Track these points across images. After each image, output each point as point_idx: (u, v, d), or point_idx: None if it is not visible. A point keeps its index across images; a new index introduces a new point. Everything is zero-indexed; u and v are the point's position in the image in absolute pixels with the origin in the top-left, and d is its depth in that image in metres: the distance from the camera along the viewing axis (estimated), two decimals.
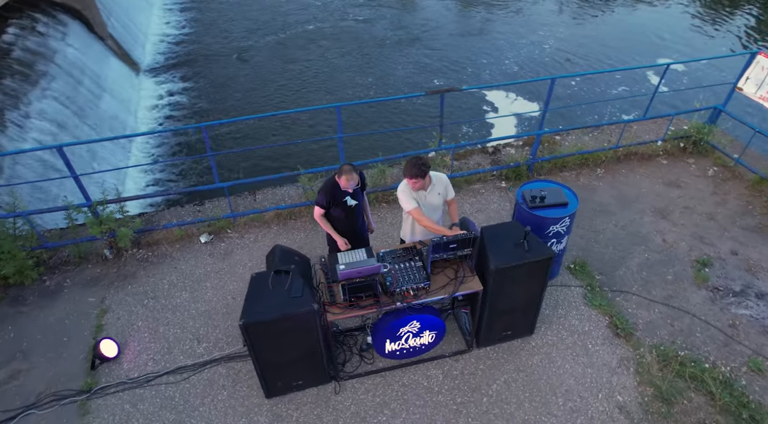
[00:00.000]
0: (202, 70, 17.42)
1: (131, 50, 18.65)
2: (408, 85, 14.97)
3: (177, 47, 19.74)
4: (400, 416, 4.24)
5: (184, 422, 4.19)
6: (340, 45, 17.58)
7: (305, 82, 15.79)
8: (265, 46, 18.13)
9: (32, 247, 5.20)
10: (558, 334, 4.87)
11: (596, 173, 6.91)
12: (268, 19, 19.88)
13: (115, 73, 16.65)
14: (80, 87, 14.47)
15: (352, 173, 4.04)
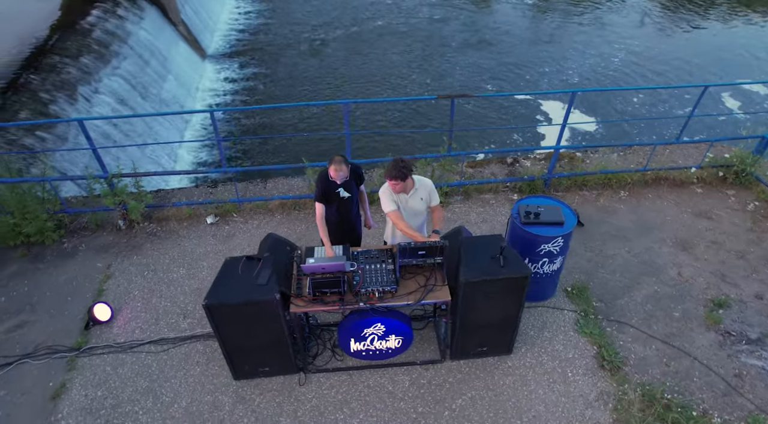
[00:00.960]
0: (265, 59, 17.98)
1: (200, 36, 19.62)
2: (463, 87, 14.75)
3: (244, 36, 20.55)
4: (358, 417, 4.24)
5: (155, 391, 4.42)
6: (405, 43, 17.56)
7: (363, 76, 15.89)
8: (331, 40, 18.42)
9: (55, 210, 5.65)
10: (538, 357, 4.68)
11: (619, 195, 6.54)
12: (338, 14, 20.20)
13: (181, 57, 17.56)
14: (147, 68, 15.38)
15: (340, 164, 4.05)
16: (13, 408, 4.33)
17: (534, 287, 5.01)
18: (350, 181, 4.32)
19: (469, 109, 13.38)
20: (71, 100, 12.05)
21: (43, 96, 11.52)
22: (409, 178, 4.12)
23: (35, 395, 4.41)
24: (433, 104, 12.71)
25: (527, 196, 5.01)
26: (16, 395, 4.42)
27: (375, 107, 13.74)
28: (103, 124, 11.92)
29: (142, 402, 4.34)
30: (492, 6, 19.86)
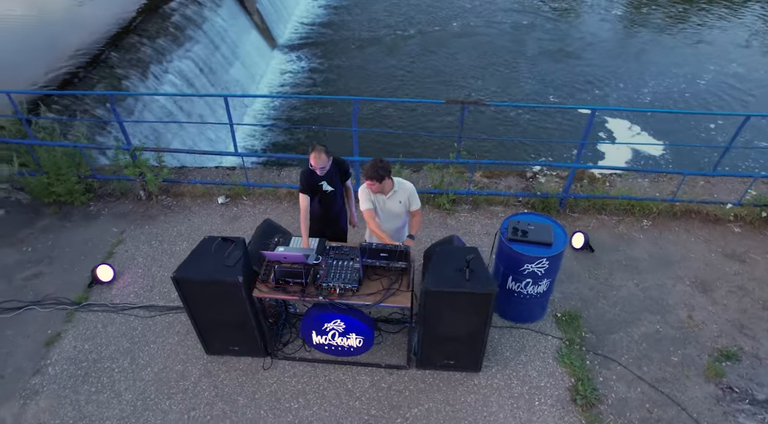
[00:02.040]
0: (333, 53, 18.30)
1: (273, 26, 20.39)
2: (528, 97, 14.33)
3: (316, 29, 21.13)
4: (311, 409, 4.30)
5: (134, 353, 4.71)
6: (479, 47, 17.28)
7: (428, 77, 15.78)
8: (404, 38, 18.46)
9: (85, 175, 6.15)
10: (508, 380, 4.50)
11: (641, 224, 6.11)
12: (415, 14, 20.18)
13: (251, 45, 18.35)
14: (217, 53, 16.21)
15: (320, 153, 4.09)
16: (14, 347, 4.79)
17: (518, 307, 4.84)
18: (334, 175, 4.36)
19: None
20: (142, 77, 12.96)
21: (118, 71, 12.49)
22: (388, 179, 4.09)
23: (34, 339, 4.85)
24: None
25: (522, 212, 4.81)
26: (19, 336, 4.88)
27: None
28: (168, 103, 12.74)
29: (120, 361, 4.65)
30: (581, 16, 18.98)
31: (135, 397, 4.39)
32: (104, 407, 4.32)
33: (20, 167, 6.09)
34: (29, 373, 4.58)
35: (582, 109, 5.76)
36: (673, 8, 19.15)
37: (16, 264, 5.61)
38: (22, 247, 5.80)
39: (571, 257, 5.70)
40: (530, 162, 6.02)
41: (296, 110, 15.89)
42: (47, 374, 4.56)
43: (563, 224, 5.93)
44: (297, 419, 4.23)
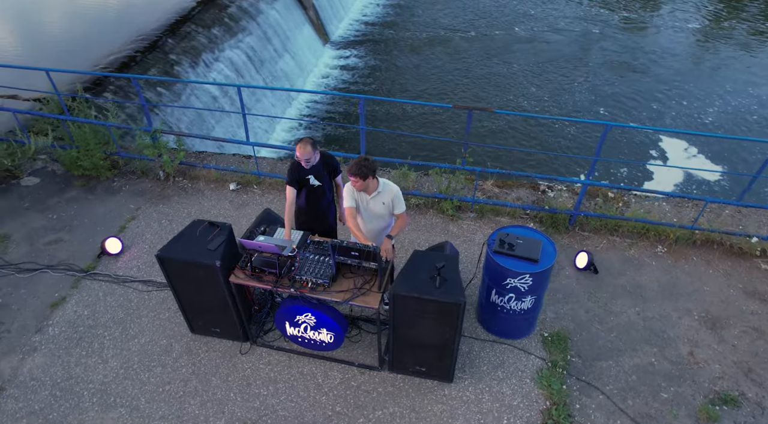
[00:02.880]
0: (386, 52, 18.38)
1: (327, 22, 20.74)
2: (581, 109, 13.86)
3: (372, 27, 21.31)
4: (279, 397, 4.37)
5: (126, 323, 4.97)
6: (538, 54, 16.89)
7: (480, 82, 15.61)
8: (460, 41, 18.27)
9: (111, 152, 6.54)
10: (479, 395, 4.40)
11: (655, 250, 5.78)
12: (476, 17, 20.01)
13: (303, 40, 18.74)
14: (268, 45, 16.67)
15: (305, 145, 4.13)
16: (23, 306, 5.17)
17: (502, 321, 4.71)
18: (322, 171, 4.40)
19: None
20: (193, 64, 13.54)
21: (171, 57, 13.13)
22: (372, 178, 4.08)
23: (42, 300, 5.21)
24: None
25: (515, 225, 4.66)
26: (30, 296, 5.26)
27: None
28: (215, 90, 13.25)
29: (112, 330, 4.91)
30: (653, 28, 18.04)
31: (119, 365, 4.62)
32: (90, 370, 4.58)
33: (54, 140, 6.55)
34: (32, 331, 4.93)
35: (597, 123, 5.47)
36: (759, 23, 17.84)
37: (41, 229, 6.04)
38: (49, 214, 6.23)
39: (572, 276, 5.48)
40: (539, 175, 5.81)
41: (337, 106, 16.13)
42: (47, 333, 4.89)
43: (570, 243, 5.76)
44: (263, 406, 4.32)
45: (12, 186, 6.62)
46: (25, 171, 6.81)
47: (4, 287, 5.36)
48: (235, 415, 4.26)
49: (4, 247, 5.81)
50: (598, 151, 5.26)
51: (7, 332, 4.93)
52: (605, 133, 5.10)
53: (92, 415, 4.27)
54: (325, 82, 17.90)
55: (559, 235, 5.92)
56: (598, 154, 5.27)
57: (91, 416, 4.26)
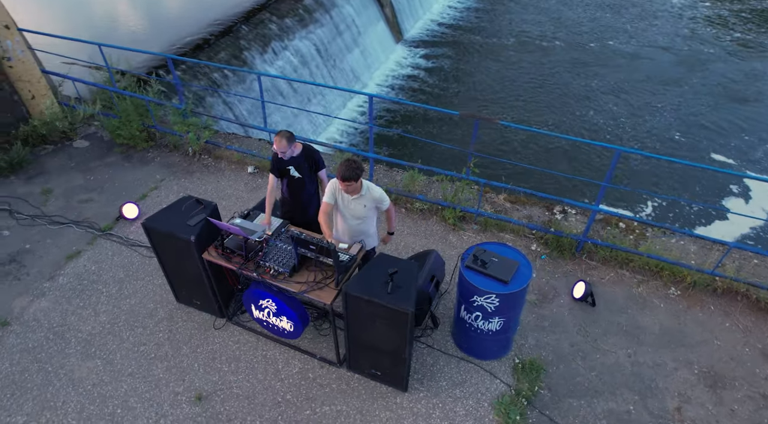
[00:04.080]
0: (461, 56, 18.07)
1: (403, 20, 20.83)
2: (656, 135, 13.00)
3: (447, 29, 21.16)
4: (236, 376, 4.52)
5: (123, 283, 5.35)
6: (623, 71, 16.03)
7: (556, 94, 15.09)
8: (541, 51, 17.72)
9: (149, 125, 7.03)
10: (431, 409, 4.29)
11: (667, 291, 5.30)
12: (565, 28, 19.29)
13: (375, 36, 18.96)
14: (338, 38, 17.05)
15: (281, 138, 4.23)
16: (46, 254, 5.72)
17: (471, 339, 4.56)
18: (303, 163, 4.47)
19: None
20: (262, 51, 14.17)
21: (242, 43, 13.82)
22: (360, 180, 4.07)
23: (61, 251, 5.73)
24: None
25: (496, 242, 4.45)
26: (53, 246, 5.81)
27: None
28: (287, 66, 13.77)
29: (110, 287, 5.31)
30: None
31: (107, 320, 5.00)
32: (82, 321, 4.99)
33: (103, 109, 7.16)
34: (46, 277, 5.44)
35: (607, 147, 5.06)
36: None
37: (78, 188, 6.64)
38: (88, 175, 6.83)
39: (565, 305, 5.17)
40: (546, 194, 5.49)
41: (395, 105, 16.16)
42: (57, 282, 5.39)
43: (574, 270, 5.44)
44: (221, 381, 4.49)
45: (66, 147, 7.31)
46: (79, 134, 7.50)
47: (36, 235, 5.96)
48: (193, 384, 4.46)
49: (45, 199, 6.45)
50: (608, 178, 4.90)
51: (26, 275, 5.48)
52: (616, 158, 4.74)
53: (73, 361, 4.65)
54: (391, 79, 18.03)
55: (563, 260, 5.60)
56: (608, 180, 4.91)
57: (71, 361, 4.65)
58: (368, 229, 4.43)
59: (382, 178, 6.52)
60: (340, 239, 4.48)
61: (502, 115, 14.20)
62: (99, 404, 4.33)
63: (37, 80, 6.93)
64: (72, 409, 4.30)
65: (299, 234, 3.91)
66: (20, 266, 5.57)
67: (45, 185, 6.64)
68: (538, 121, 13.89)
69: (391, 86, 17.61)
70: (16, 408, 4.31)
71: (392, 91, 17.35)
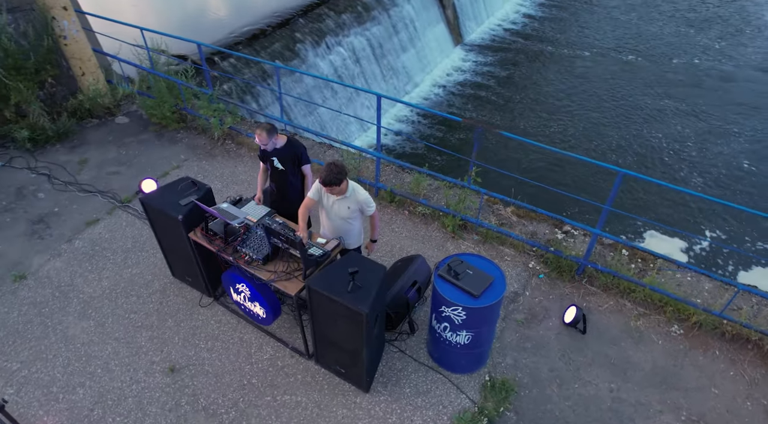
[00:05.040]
0: (521, 63, 17.60)
1: (464, 23, 20.58)
2: (719, 163, 12.18)
3: (510, 35, 20.69)
4: (210, 353, 4.69)
5: (129, 253, 5.68)
6: (703, 93, 15.08)
7: (618, 110, 14.46)
8: (612, 65, 16.95)
9: (181, 107, 7.41)
10: (388, 414, 4.25)
11: (669, 329, 4.93)
12: (637, 42, 18.29)
13: (433, 37, 18.83)
14: (394, 37, 17.09)
15: (261, 130, 4.34)
16: (69, 218, 6.17)
17: (441, 350, 4.49)
18: (286, 156, 4.56)
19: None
20: (315, 44, 14.48)
21: (297, 35, 14.19)
22: (344, 182, 4.08)
23: (83, 217, 6.17)
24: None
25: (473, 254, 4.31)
26: (77, 212, 6.26)
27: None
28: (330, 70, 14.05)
29: (118, 255, 5.66)
30: None
31: (108, 285, 5.33)
32: (86, 284, 5.36)
33: (142, 89, 7.61)
34: (65, 239, 5.88)
35: (609, 168, 4.73)
36: None
37: (110, 160, 7.11)
38: (122, 149, 7.30)
39: (553, 328, 4.95)
40: (546, 211, 5.25)
41: (451, 107, 16.04)
42: (73, 245, 5.81)
43: (570, 294, 5.21)
44: (195, 356, 4.67)
45: (108, 122, 7.85)
46: (122, 111, 8.02)
47: (66, 200, 6.44)
48: (170, 356, 4.67)
49: (80, 168, 6.96)
50: (610, 201, 4.63)
51: (49, 236, 5.95)
52: (618, 181, 4.46)
53: (70, 319, 5.01)
54: (444, 82, 17.89)
55: (562, 282, 5.35)
56: (609, 204, 4.63)
57: (69, 320, 5.01)
58: (352, 229, 4.44)
59: (390, 179, 6.50)
60: (325, 235, 4.53)
61: (561, 129, 13.64)
62: (83, 362, 4.64)
63: (87, 58, 7.48)
64: (60, 363, 4.63)
65: (270, 223, 3.99)
66: (46, 227, 6.06)
67: (83, 156, 7.16)
68: (599, 138, 13.31)
69: (444, 89, 17.47)
70: (14, 355, 4.70)
71: (444, 93, 17.20)
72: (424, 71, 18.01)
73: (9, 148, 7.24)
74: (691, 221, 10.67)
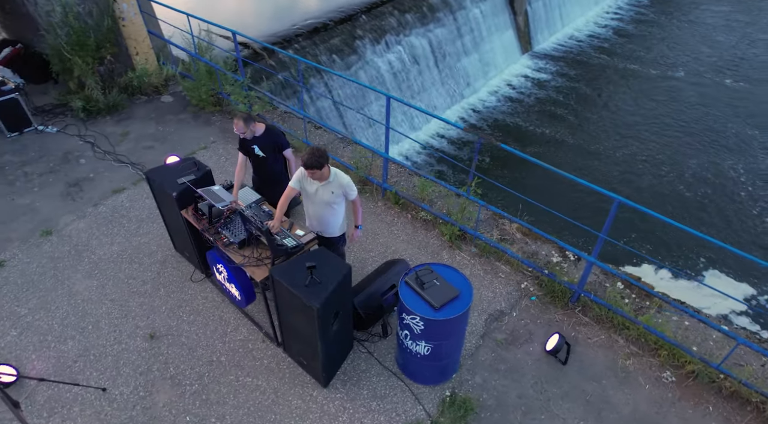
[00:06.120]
0: (593, 78, 16.89)
1: (535, 31, 19.96)
2: None
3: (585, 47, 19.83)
4: (189, 326, 4.91)
5: (142, 223, 6.05)
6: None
7: (696, 136, 13.59)
8: (699, 87, 15.96)
9: (218, 91, 7.77)
10: (340, 413, 4.26)
11: (662, 374, 4.56)
12: (725, 63, 17.13)
13: (500, 44, 18.41)
14: (457, 40, 16.90)
15: (238, 119, 4.51)
16: (101, 185, 6.67)
17: (405, 358, 4.45)
18: (266, 143, 4.68)
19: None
20: (375, 42, 14.63)
21: (357, 32, 14.41)
22: (326, 167, 4.17)
23: (111, 184, 6.64)
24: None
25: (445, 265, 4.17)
26: (108, 180, 6.75)
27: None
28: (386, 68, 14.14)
29: (132, 223, 6.06)
30: None
31: (117, 250, 5.72)
32: (99, 246, 5.78)
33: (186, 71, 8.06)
34: (92, 203, 6.37)
35: (607, 194, 4.36)
36: None
37: (148, 135, 7.60)
38: (159, 126, 7.78)
39: (533, 354, 4.73)
40: (544, 232, 5.00)
41: (510, 116, 15.60)
42: (98, 209, 6.28)
43: (560, 321, 4.98)
44: (175, 327, 4.91)
45: (154, 99, 8.39)
46: (168, 90, 8.54)
47: (101, 167, 6.97)
48: (153, 323, 4.95)
49: (121, 140, 7.50)
50: (606, 229, 4.33)
51: (80, 198, 6.47)
52: (614, 209, 4.16)
53: (78, 277, 5.43)
54: (506, 90, 17.47)
55: (554, 308, 5.10)
56: (605, 232, 4.34)
57: (77, 277, 5.43)
58: (336, 214, 4.48)
59: (400, 182, 6.47)
60: (311, 226, 4.61)
61: (631, 153, 12.92)
62: (79, 317, 5.02)
63: (142, 39, 8.03)
64: (59, 315, 5.04)
65: (242, 210, 4.12)
66: (79, 190, 6.59)
67: (126, 129, 7.70)
68: (672, 165, 12.49)
69: (505, 96, 17.03)
70: (24, 302, 5.17)
71: (504, 101, 16.77)
72: (486, 77, 17.66)
73: (67, 116, 7.93)
74: (713, 264, 9.77)
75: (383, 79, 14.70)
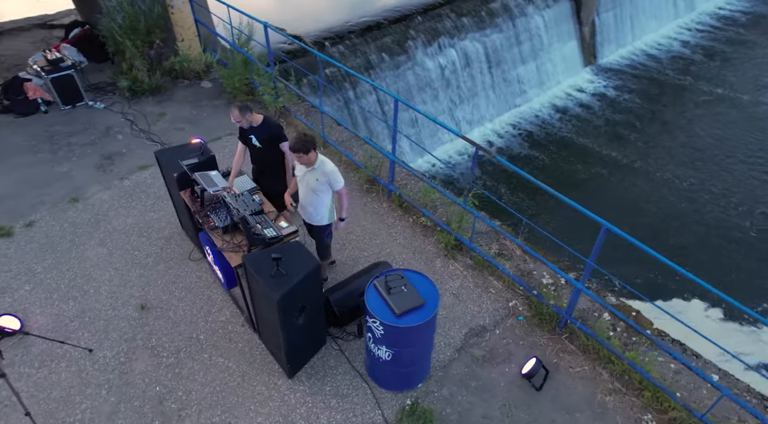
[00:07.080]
0: (663, 98, 15.96)
1: (602, 44, 19.13)
2: None
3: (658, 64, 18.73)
4: (179, 302, 5.12)
5: (158, 200, 6.37)
6: None
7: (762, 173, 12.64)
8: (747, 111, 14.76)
9: (249, 80, 8.04)
10: (298, 406, 4.30)
11: (643, 417, 4.26)
12: None
13: (560, 54, 17.78)
14: (514, 48, 16.50)
15: (234, 109, 4.63)
16: (131, 161, 7.10)
17: (370, 360, 4.42)
18: (263, 135, 4.78)
19: None
20: (427, 43, 14.57)
21: (410, 32, 14.40)
22: (313, 152, 4.28)
23: (140, 161, 7.04)
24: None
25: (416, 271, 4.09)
26: (138, 156, 7.16)
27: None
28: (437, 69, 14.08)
29: (149, 199, 6.40)
30: None
31: (131, 223, 6.07)
32: (116, 217, 6.15)
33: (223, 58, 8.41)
34: (118, 177, 6.79)
35: (595, 219, 4.05)
36: None
37: (182, 118, 7.99)
38: (194, 110, 8.16)
39: (507, 375, 4.58)
40: (533, 251, 4.75)
41: (563, 131, 14.97)
42: (123, 183, 6.69)
43: (544, 345, 4.80)
44: (165, 301, 5.15)
45: (195, 84, 8.80)
46: (209, 77, 8.94)
47: (133, 144, 7.42)
48: (147, 295, 5.21)
49: (157, 120, 7.94)
50: (594, 255, 4.09)
51: (110, 171, 6.92)
52: (602, 236, 3.92)
53: (92, 244, 5.81)
54: (563, 102, 16.84)
55: (541, 331, 4.90)
56: (592, 259, 4.09)
57: (91, 244, 5.81)
58: (321, 202, 4.57)
59: (407, 185, 6.42)
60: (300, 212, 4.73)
61: (702, 183, 12.08)
62: (84, 280, 5.37)
63: (188, 27, 8.45)
64: (67, 276, 5.42)
65: (224, 197, 4.25)
66: (111, 163, 7.04)
67: (163, 110, 8.14)
68: (748, 200, 11.55)
69: (560, 110, 16.42)
70: (42, 260, 5.60)
71: (559, 114, 16.15)
72: (542, 87, 17.12)
73: (115, 94, 8.49)
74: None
75: (431, 81, 14.62)
